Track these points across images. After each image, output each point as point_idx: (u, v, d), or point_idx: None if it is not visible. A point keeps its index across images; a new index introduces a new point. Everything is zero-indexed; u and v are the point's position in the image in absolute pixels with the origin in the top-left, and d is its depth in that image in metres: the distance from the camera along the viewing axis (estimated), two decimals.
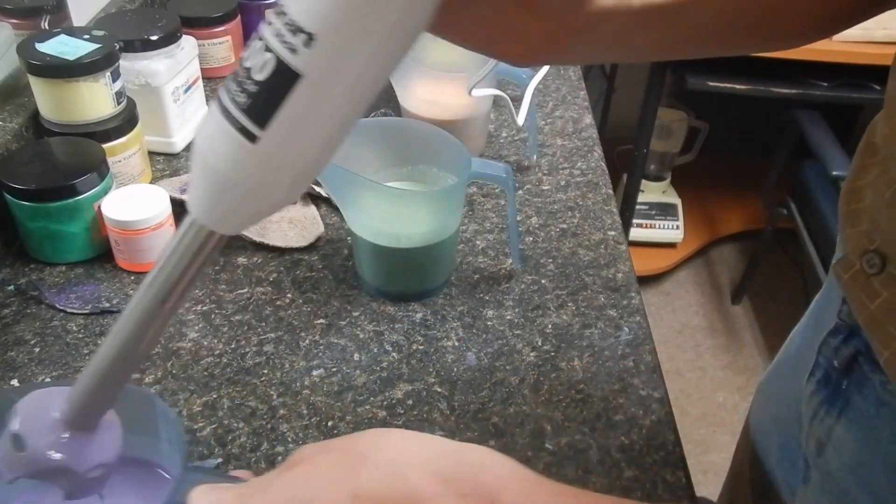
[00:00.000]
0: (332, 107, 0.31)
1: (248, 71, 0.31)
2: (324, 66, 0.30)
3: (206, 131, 0.32)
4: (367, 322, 0.69)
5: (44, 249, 0.73)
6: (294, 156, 0.32)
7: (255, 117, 0.31)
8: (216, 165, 0.32)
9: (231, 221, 0.34)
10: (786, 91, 1.65)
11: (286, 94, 0.30)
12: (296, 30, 0.29)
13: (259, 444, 0.58)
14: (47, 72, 0.74)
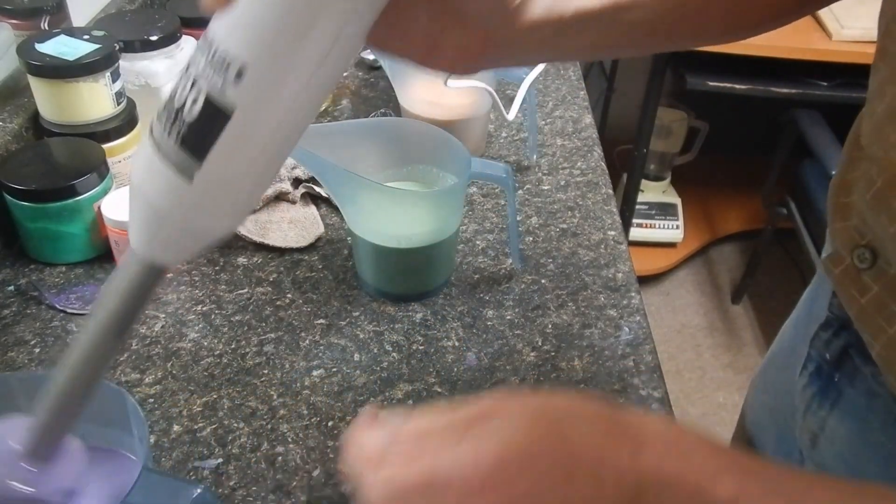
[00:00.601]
0: (265, 138, 0.31)
1: (180, 108, 0.30)
2: (254, 100, 0.30)
3: (142, 166, 0.32)
4: (367, 322, 0.69)
5: (44, 250, 0.73)
6: (231, 189, 0.32)
7: (190, 153, 0.30)
8: (154, 201, 0.32)
9: (171, 254, 0.34)
10: (786, 91, 1.65)
11: (219, 129, 0.30)
12: (225, 64, 0.29)
13: (259, 444, 0.58)
14: (47, 72, 0.74)
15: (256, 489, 0.55)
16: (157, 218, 0.32)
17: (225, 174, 0.31)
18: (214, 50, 0.30)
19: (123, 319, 0.36)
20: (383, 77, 1.05)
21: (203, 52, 0.30)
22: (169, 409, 0.60)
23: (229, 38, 0.29)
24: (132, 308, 0.36)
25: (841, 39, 1.57)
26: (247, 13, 0.29)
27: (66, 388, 0.37)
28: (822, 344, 0.55)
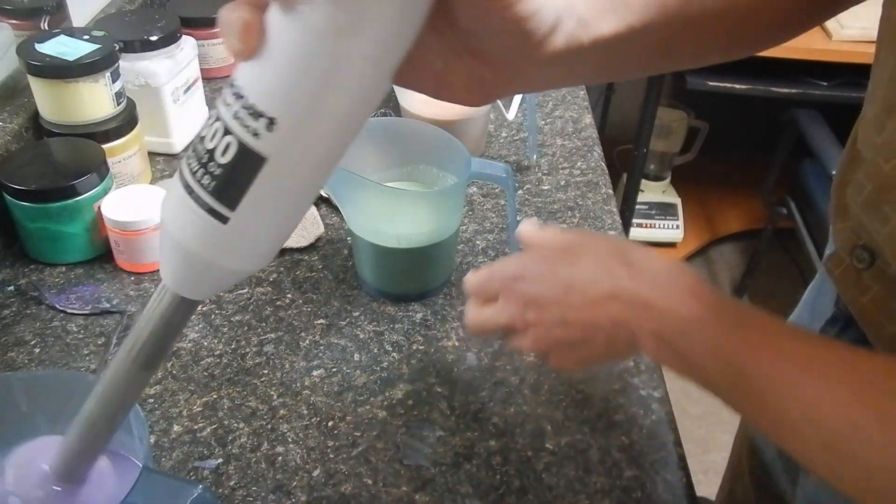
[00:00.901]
0: (297, 184, 0.32)
1: (211, 153, 0.31)
2: (287, 147, 0.30)
3: (174, 210, 0.33)
4: (367, 322, 0.69)
5: (44, 250, 0.73)
6: (263, 231, 0.33)
7: (223, 199, 0.31)
8: (186, 243, 0.32)
9: (202, 290, 0.35)
10: (785, 91, 1.65)
11: (253, 176, 0.30)
12: (256, 114, 0.30)
13: (259, 444, 0.58)
14: (47, 72, 0.74)
15: (256, 489, 0.55)
16: (189, 259, 0.33)
17: (257, 219, 0.32)
18: (245, 98, 0.30)
19: (153, 351, 0.37)
20: None
21: (232, 98, 0.31)
22: (169, 409, 0.60)
23: (259, 89, 0.30)
24: (162, 340, 0.37)
25: (841, 39, 1.57)
26: (275, 65, 0.29)
27: (97, 416, 0.39)
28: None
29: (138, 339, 0.37)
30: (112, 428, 0.40)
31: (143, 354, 0.37)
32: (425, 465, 0.57)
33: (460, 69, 0.37)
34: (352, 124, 0.32)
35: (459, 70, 0.37)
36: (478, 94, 0.39)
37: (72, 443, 0.40)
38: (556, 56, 0.37)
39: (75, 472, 0.41)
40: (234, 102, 0.30)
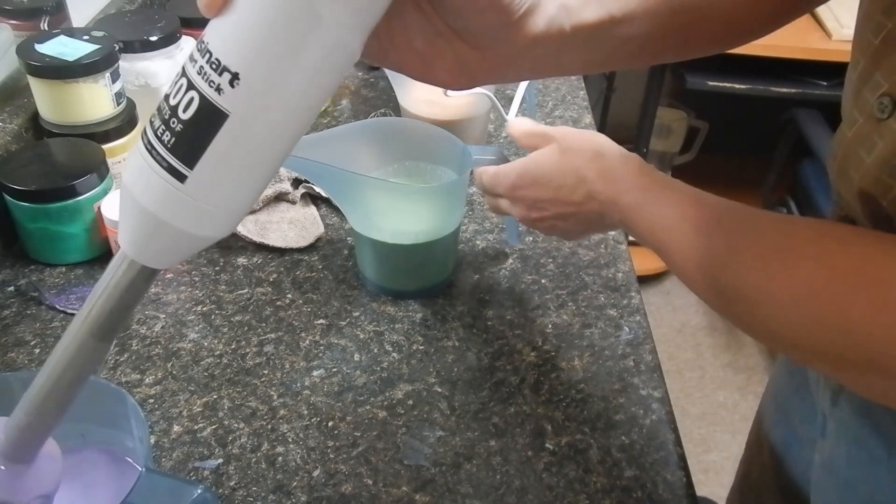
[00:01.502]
0: (260, 144, 0.31)
1: (174, 109, 0.30)
2: (250, 104, 0.30)
3: (134, 169, 0.32)
4: (368, 322, 0.69)
5: (44, 250, 0.73)
6: (223, 194, 0.32)
7: (182, 157, 0.30)
8: (144, 204, 0.31)
9: (163, 257, 0.34)
10: (785, 90, 1.65)
11: (213, 133, 0.30)
12: (220, 69, 0.29)
13: (259, 444, 0.58)
14: (47, 73, 0.74)
15: (257, 489, 0.55)
16: (147, 221, 0.32)
17: (216, 180, 0.31)
18: (210, 53, 0.30)
19: (109, 322, 0.35)
20: (383, 77, 1.05)
21: (199, 55, 0.30)
22: (169, 410, 0.60)
23: (225, 43, 0.29)
24: (120, 311, 0.35)
25: (840, 39, 1.57)
26: (242, 18, 0.29)
27: (49, 391, 0.37)
28: None
29: (93, 309, 0.35)
30: (64, 404, 0.37)
31: (99, 326, 0.35)
32: (425, 465, 0.57)
33: (445, 51, 0.37)
34: (317, 89, 0.31)
35: (444, 52, 0.37)
36: (463, 77, 0.39)
37: (20, 419, 0.37)
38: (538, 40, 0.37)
39: (22, 452, 0.39)
40: (199, 58, 0.30)
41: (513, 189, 0.61)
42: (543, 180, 0.58)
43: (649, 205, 0.52)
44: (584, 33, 0.40)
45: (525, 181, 0.60)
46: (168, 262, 0.35)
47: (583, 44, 0.41)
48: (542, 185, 0.59)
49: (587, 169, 0.55)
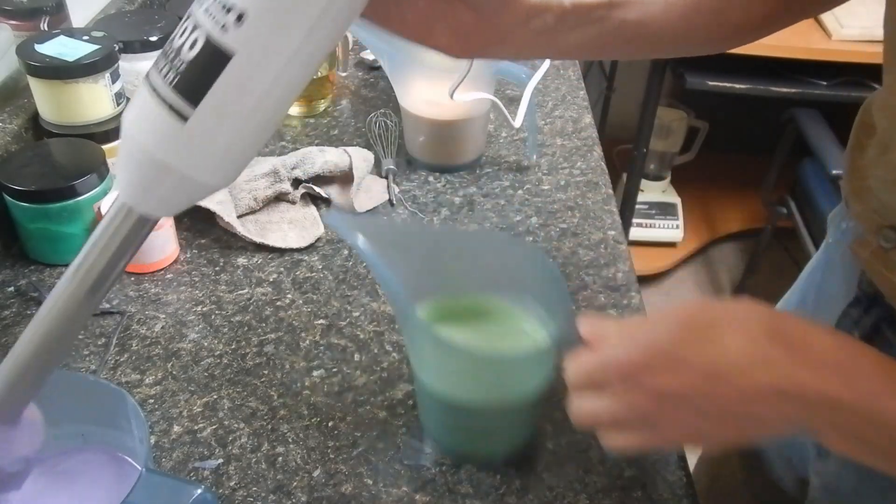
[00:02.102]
0: (263, 86, 0.30)
1: (179, 48, 0.30)
2: (255, 44, 0.29)
3: (136, 110, 0.32)
4: (367, 322, 0.69)
5: (44, 251, 0.73)
6: (225, 136, 0.31)
7: (185, 95, 0.30)
8: (146, 145, 0.31)
9: (162, 205, 0.33)
10: (785, 90, 1.65)
11: (217, 72, 0.29)
12: (226, 7, 0.29)
13: (260, 444, 0.58)
14: (47, 73, 0.74)
15: (257, 489, 0.55)
16: (147, 163, 0.31)
17: (217, 121, 0.30)
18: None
19: (102, 273, 0.34)
20: (383, 77, 1.05)
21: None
22: (169, 410, 0.60)
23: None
24: (114, 262, 0.34)
25: (840, 39, 1.57)
26: None
27: (37, 347, 0.36)
28: (851, 323, 0.56)
29: (86, 259, 0.34)
30: (51, 361, 0.36)
31: (91, 276, 0.34)
32: (425, 465, 0.57)
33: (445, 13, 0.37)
34: (322, 36, 0.31)
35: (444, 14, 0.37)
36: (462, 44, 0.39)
37: (6, 377, 0.36)
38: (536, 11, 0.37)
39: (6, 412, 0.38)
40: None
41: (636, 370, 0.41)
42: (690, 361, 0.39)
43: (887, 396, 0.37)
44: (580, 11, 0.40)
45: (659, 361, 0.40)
46: (166, 211, 0.34)
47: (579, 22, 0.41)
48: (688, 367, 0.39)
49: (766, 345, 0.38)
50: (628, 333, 0.43)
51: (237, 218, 0.77)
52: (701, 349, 0.39)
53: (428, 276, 0.53)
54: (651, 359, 0.40)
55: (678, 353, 0.40)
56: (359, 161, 0.83)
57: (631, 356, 0.41)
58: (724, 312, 0.41)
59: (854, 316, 0.56)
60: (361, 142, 0.92)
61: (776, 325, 0.39)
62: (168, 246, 0.73)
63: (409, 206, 0.83)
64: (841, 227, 0.63)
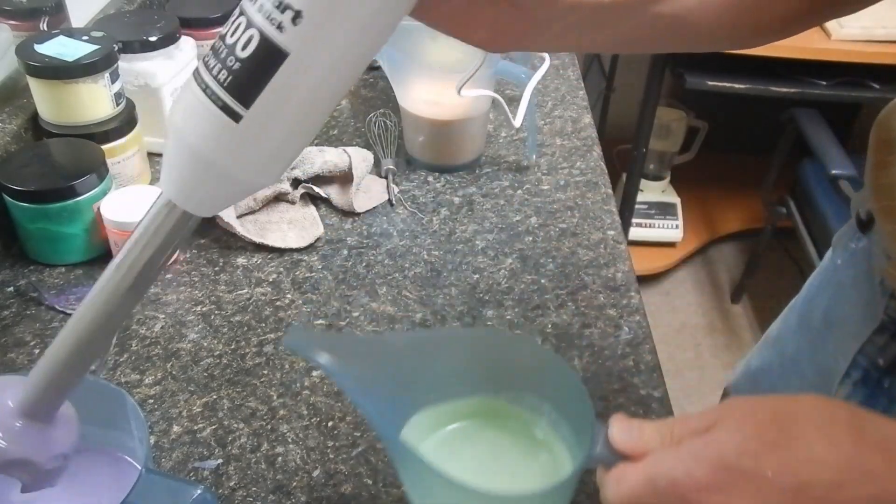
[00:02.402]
0: (316, 86, 0.30)
1: (232, 47, 0.30)
2: (311, 43, 0.29)
3: (185, 107, 0.31)
4: (367, 322, 0.69)
5: (43, 251, 0.73)
6: (276, 137, 0.31)
7: (238, 96, 0.30)
8: (196, 145, 0.31)
9: (208, 203, 0.33)
10: (785, 90, 1.65)
11: (272, 72, 0.29)
12: (283, 6, 0.29)
13: (259, 444, 0.58)
14: (46, 73, 0.74)
15: (256, 490, 0.55)
16: (196, 162, 0.31)
17: (270, 121, 0.30)
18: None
19: (144, 270, 0.34)
20: (382, 77, 1.05)
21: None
22: (169, 410, 0.60)
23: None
24: (157, 259, 0.34)
25: (840, 38, 1.57)
26: None
27: (76, 344, 0.35)
28: (877, 350, 0.54)
29: (128, 255, 0.34)
30: (88, 359, 0.36)
31: (133, 273, 0.34)
32: None
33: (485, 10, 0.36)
34: (375, 33, 0.31)
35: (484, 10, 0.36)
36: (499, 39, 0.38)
37: (42, 376, 0.36)
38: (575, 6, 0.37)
39: (43, 409, 0.38)
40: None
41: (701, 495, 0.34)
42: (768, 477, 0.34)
43: None
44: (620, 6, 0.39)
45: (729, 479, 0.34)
46: (210, 210, 0.34)
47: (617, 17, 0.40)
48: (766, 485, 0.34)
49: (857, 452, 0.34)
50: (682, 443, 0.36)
51: (236, 218, 0.77)
52: (779, 461, 0.34)
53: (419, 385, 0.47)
54: (718, 477, 0.34)
55: (751, 467, 0.34)
56: (358, 161, 0.83)
57: (692, 473, 0.34)
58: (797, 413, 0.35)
59: (879, 343, 0.54)
60: (361, 142, 0.92)
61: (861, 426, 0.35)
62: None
63: (408, 206, 0.83)
64: (849, 247, 0.61)
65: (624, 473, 0.37)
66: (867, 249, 0.59)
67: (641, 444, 0.37)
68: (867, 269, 0.58)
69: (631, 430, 0.38)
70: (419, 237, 0.79)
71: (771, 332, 0.77)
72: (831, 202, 1.67)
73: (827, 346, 0.63)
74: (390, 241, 0.78)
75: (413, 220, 0.81)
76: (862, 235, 0.60)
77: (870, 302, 0.56)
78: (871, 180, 0.52)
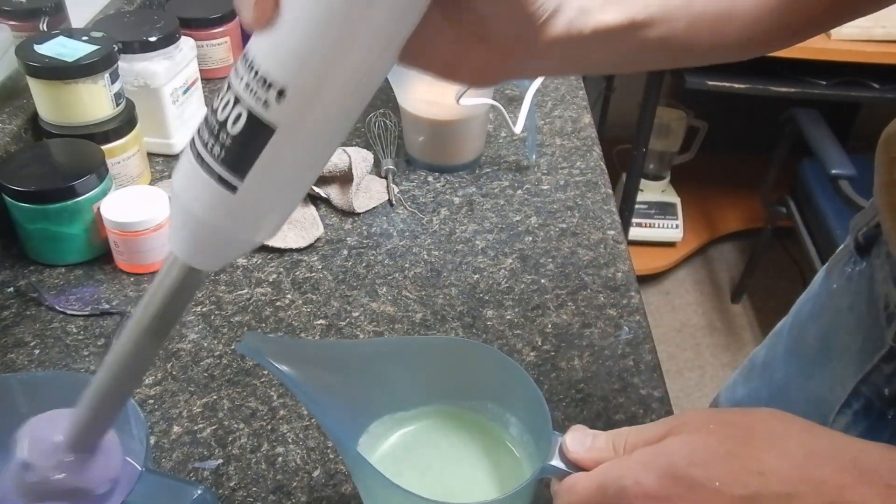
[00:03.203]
0: (305, 152, 0.32)
1: (223, 124, 0.31)
2: (296, 117, 0.31)
3: (185, 178, 0.33)
4: (367, 322, 0.69)
5: (43, 251, 0.73)
6: (272, 199, 0.33)
7: (233, 169, 0.32)
8: (197, 212, 0.33)
9: (213, 260, 0.36)
10: (784, 90, 1.65)
11: (262, 146, 0.31)
12: (267, 84, 0.30)
13: (259, 444, 0.58)
14: (46, 73, 0.74)
15: (257, 490, 0.55)
16: (199, 227, 0.34)
17: (265, 188, 0.33)
18: (256, 69, 0.31)
19: (163, 321, 0.37)
20: None
21: (244, 70, 0.31)
22: (169, 410, 0.60)
23: (270, 59, 0.31)
24: (172, 311, 0.37)
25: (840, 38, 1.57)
26: (287, 35, 0.30)
27: (109, 387, 0.39)
28: (883, 378, 0.53)
29: (148, 309, 0.37)
30: (123, 398, 0.40)
31: (154, 325, 0.37)
32: None
33: (468, 53, 0.37)
34: (358, 98, 0.32)
35: (467, 54, 0.37)
36: (483, 76, 0.39)
37: (83, 413, 0.40)
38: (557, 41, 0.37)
39: (86, 442, 0.42)
40: (245, 73, 0.31)
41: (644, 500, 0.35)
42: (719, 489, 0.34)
43: None
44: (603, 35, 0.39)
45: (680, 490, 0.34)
46: (217, 265, 0.36)
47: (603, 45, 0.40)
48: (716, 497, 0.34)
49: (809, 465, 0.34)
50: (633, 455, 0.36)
51: None
52: (729, 472, 0.34)
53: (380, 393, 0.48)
54: (667, 487, 0.34)
55: (700, 478, 0.34)
56: (358, 161, 0.83)
57: (641, 482, 0.35)
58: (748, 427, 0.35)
59: (886, 372, 0.52)
60: (361, 142, 0.92)
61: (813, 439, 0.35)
62: (167, 247, 0.73)
63: (408, 206, 0.83)
64: (846, 271, 0.60)
65: (576, 482, 0.37)
66: (867, 274, 0.57)
67: (594, 454, 0.38)
68: (868, 295, 0.56)
69: (584, 439, 0.39)
70: (419, 237, 0.79)
71: (756, 359, 0.76)
72: (831, 202, 1.67)
73: (822, 374, 0.61)
74: (390, 241, 0.78)
75: (413, 220, 0.81)
76: (860, 259, 0.59)
77: (872, 329, 0.54)
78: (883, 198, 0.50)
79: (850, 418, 0.55)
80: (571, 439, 0.39)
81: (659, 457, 0.35)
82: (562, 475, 0.39)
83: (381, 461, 0.48)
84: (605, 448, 0.38)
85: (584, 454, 0.38)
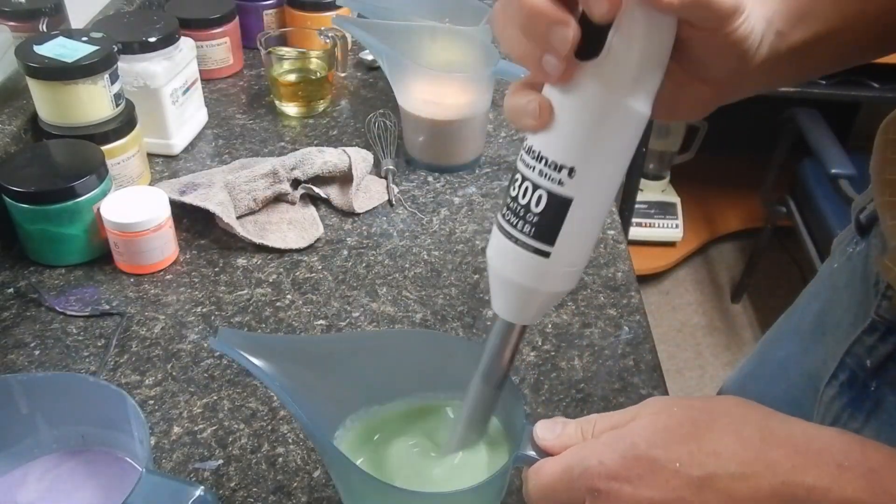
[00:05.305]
0: (597, 210, 0.40)
1: (527, 206, 0.39)
2: (586, 187, 0.38)
3: (502, 255, 0.41)
4: (367, 322, 0.69)
5: (43, 252, 0.73)
6: (577, 255, 0.40)
7: (544, 239, 0.39)
8: (520, 281, 0.40)
9: (533, 314, 0.42)
10: (784, 89, 1.65)
11: (563, 215, 0.38)
12: (558, 167, 0.37)
13: (260, 445, 0.58)
14: (46, 74, 0.74)
15: (257, 490, 0.55)
16: (522, 292, 0.41)
17: (570, 247, 0.39)
18: (544, 159, 0.37)
19: (495, 370, 0.43)
20: (382, 77, 1.05)
21: (533, 161, 0.38)
22: (169, 411, 0.60)
23: (556, 149, 0.37)
24: (501, 361, 0.43)
25: None
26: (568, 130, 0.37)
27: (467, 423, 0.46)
28: (865, 350, 0.54)
29: (485, 364, 0.43)
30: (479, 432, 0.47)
31: (487, 374, 0.43)
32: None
33: (685, 92, 0.41)
34: (628, 156, 0.39)
35: (685, 93, 0.41)
36: (699, 110, 0.43)
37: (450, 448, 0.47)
38: (761, 66, 0.40)
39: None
40: (536, 163, 0.38)
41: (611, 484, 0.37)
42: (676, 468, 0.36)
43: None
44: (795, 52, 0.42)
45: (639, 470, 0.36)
46: (534, 318, 0.42)
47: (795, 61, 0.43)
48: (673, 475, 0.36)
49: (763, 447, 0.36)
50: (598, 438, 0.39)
51: (237, 219, 0.77)
52: (688, 453, 0.36)
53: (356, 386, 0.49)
54: (629, 467, 0.36)
55: (660, 458, 0.36)
56: (358, 161, 0.83)
57: (604, 464, 0.37)
58: (709, 411, 0.38)
59: (868, 343, 0.54)
60: (360, 142, 0.92)
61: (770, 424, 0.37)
62: (168, 247, 0.73)
63: (408, 207, 0.83)
64: (847, 251, 0.61)
65: (542, 465, 0.40)
66: (864, 253, 0.59)
67: (563, 440, 0.41)
68: (863, 272, 0.58)
69: (555, 427, 0.42)
70: (419, 237, 0.79)
71: (766, 338, 0.77)
72: (831, 201, 1.67)
73: (817, 349, 0.62)
74: (390, 241, 0.78)
75: (413, 220, 0.81)
76: (860, 239, 0.60)
77: (862, 303, 0.56)
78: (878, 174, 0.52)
79: (837, 389, 0.56)
80: (542, 428, 0.42)
81: (622, 439, 0.38)
82: (533, 462, 0.42)
83: (356, 454, 0.49)
84: (574, 435, 0.41)
85: (554, 441, 0.41)
